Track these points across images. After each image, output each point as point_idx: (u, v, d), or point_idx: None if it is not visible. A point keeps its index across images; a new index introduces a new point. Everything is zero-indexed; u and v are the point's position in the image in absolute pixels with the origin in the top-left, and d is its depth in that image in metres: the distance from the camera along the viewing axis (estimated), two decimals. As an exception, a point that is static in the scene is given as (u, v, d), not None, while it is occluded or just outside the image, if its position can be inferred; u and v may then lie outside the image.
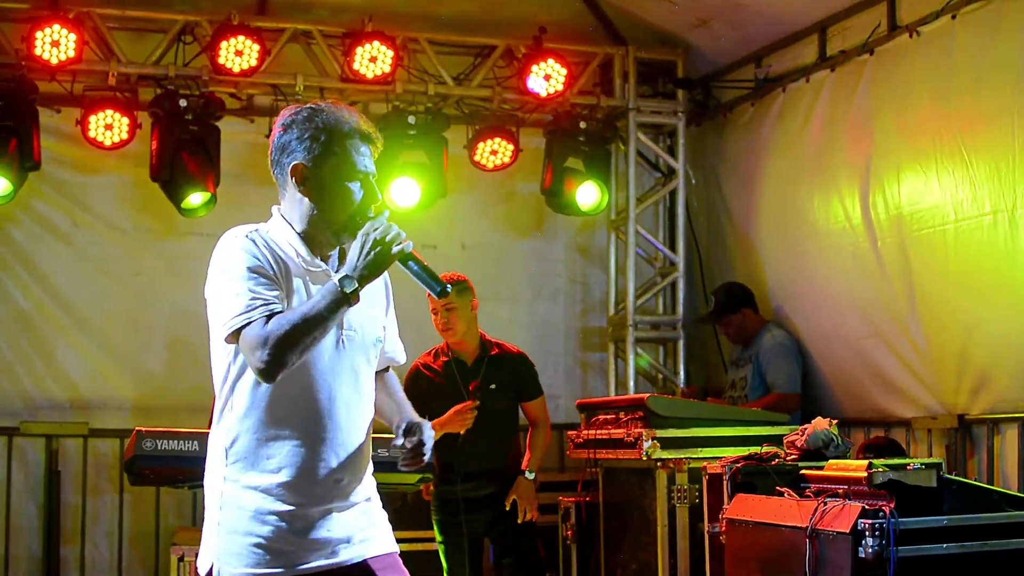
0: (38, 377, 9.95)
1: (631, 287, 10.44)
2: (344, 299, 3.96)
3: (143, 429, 6.41)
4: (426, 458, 4.31)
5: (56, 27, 8.93)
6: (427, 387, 8.02)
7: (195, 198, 9.45)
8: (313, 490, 4.14)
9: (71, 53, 8.99)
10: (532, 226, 10.87)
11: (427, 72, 10.01)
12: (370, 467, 4.39)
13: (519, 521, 8.04)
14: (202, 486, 7.08)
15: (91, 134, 9.34)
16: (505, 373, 8.17)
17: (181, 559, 8.34)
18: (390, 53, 9.50)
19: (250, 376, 4.08)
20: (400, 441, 4.29)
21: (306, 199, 4.17)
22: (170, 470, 6.56)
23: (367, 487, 4.36)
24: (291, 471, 4.10)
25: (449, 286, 4.24)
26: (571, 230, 10.81)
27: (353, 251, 4.03)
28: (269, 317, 3.96)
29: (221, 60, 9.26)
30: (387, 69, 9.52)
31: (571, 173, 10.15)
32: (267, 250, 4.10)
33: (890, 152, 8.53)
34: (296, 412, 4.12)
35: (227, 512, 4.12)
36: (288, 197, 4.24)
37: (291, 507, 4.11)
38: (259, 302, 3.98)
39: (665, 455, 7.91)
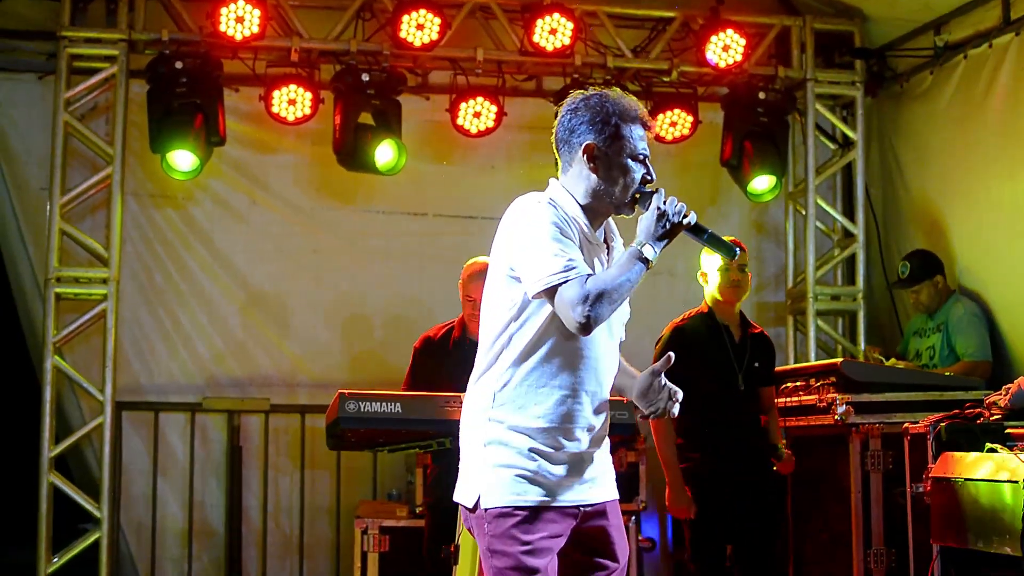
0: (218, 354, 10.10)
1: (811, 259, 10.34)
2: (646, 264, 4.44)
3: (346, 392, 6.42)
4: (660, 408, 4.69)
5: (240, 3, 9.06)
6: (694, 351, 7.62)
7: (385, 152, 9.49)
8: (571, 437, 4.56)
9: (255, 29, 9.12)
10: (706, 200, 10.77)
11: (603, 45, 10.01)
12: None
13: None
14: (401, 450, 7.19)
15: (274, 109, 9.45)
16: (763, 353, 7.90)
17: (365, 531, 8.43)
18: (570, 25, 9.49)
19: (529, 330, 4.52)
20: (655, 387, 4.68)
21: (594, 175, 4.63)
22: (372, 432, 6.55)
23: (608, 435, 4.79)
24: (554, 419, 4.53)
25: (737, 249, 4.68)
26: (745, 205, 10.68)
27: (647, 222, 4.51)
28: (585, 278, 4.36)
29: (403, 34, 9.31)
30: (567, 42, 9.51)
31: (752, 138, 10.06)
32: (565, 219, 4.54)
33: (1080, 116, 8.37)
34: (567, 367, 4.54)
35: (492, 448, 4.53)
36: (573, 173, 4.68)
37: (550, 449, 4.52)
38: (575, 263, 4.39)
39: (859, 420, 7.83)
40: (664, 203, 4.50)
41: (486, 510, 4.49)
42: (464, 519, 4.68)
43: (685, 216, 4.51)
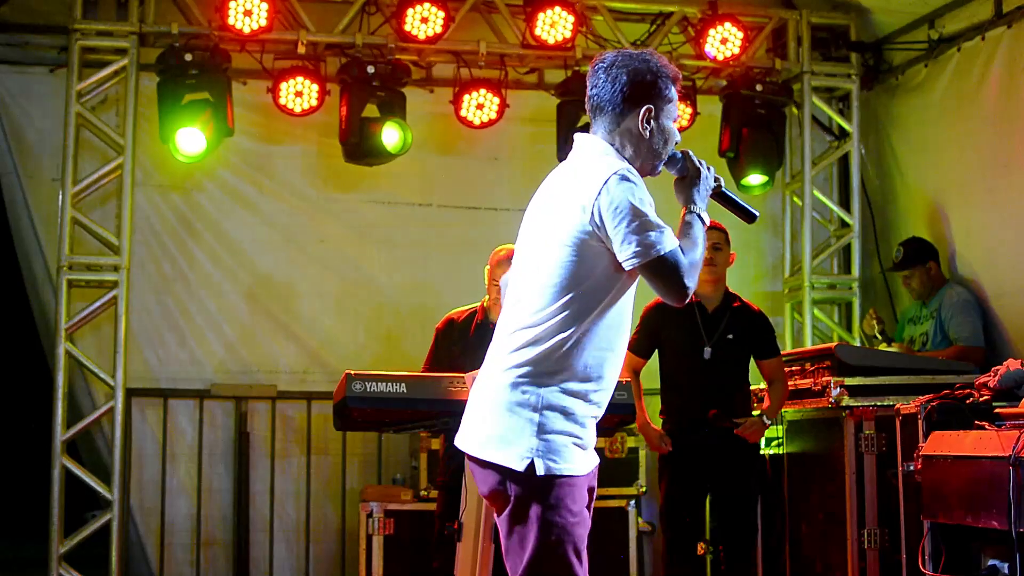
0: (227, 341, 10.26)
1: (807, 248, 10.48)
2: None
3: (353, 372, 6.54)
4: None
5: (249, -5, 9.25)
6: (667, 323, 8.08)
7: (391, 134, 9.60)
8: (608, 398, 4.61)
9: (263, 22, 9.29)
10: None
11: (603, 38, 10.16)
12: None
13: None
14: (407, 430, 7.32)
15: (282, 101, 9.60)
16: (744, 327, 8.17)
17: (370, 515, 8.60)
18: (571, 18, 9.66)
19: (593, 297, 4.44)
20: None
21: (647, 138, 4.59)
22: (378, 412, 6.62)
23: None
24: (603, 380, 4.54)
25: (756, 213, 4.91)
26: (743, 196, 10.80)
27: (702, 187, 4.72)
28: (680, 250, 4.43)
29: (407, 27, 9.48)
30: (568, 34, 9.68)
31: (749, 129, 10.22)
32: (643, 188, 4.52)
33: (1072, 106, 8.49)
34: (616, 331, 4.55)
35: (547, 414, 4.44)
36: (623, 133, 4.60)
37: (597, 411, 4.56)
38: (671, 235, 4.42)
39: (853, 403, 7.98)
40: (708, 169, 4.70)
41: (542, 477, 4.37)
42: (508, 483, 4.46)
43: (717, 180, 4.74)
